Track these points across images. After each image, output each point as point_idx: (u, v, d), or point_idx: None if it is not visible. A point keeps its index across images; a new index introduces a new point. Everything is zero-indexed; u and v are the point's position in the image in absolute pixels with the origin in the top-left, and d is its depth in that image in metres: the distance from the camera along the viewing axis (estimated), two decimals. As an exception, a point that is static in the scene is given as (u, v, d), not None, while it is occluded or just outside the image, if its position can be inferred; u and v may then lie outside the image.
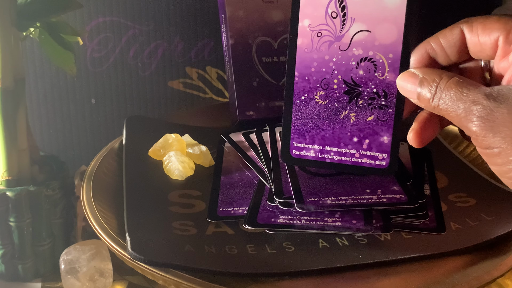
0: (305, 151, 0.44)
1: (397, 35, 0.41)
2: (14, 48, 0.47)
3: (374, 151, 0.43)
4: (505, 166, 0.34)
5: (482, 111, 0.34)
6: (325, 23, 0.42)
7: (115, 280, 0.48)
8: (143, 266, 0.42)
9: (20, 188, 0.48)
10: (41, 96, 0.66)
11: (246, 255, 0.44)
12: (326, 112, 0.43)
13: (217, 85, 0.73)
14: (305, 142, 0.43)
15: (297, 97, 0.44)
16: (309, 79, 0.43)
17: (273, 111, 0.61)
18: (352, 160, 0.43)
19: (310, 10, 0.43)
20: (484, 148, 0.35)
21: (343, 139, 0.43)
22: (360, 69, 0.42)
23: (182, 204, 0.50)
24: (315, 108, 0.43)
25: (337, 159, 0.43)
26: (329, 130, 0.43)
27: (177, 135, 0.57)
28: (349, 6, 0.42)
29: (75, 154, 0.69)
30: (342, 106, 0.43)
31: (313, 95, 0.43)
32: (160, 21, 0.68)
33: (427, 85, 0.37)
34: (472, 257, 0.44)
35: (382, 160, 0.42)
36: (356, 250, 0.44)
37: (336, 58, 0.43)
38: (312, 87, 0.43)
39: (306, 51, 0.43)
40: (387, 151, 0.42)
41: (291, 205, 0.46)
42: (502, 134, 0.34)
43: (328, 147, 0.43)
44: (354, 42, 0.42)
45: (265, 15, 0.62)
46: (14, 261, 0.50)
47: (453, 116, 0.36)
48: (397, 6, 0.41)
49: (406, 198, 0.46)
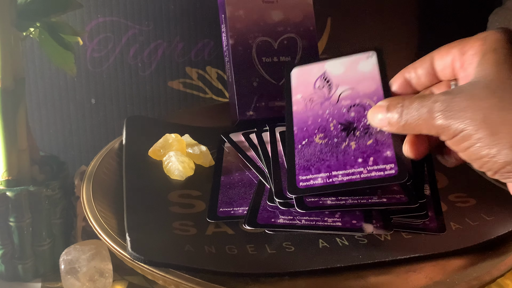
0: (312, 180, 0.45)
1: (376, 85, 0.47)
2: (14, 48, 0.47)
3: (381, 164, 0.44)
4: (473, 148, 0.37)
5: (441, 105, 0.38)
6: (314, 93, 0.49)
7: (115, 280, 0.48)
8: (143, 266, 0.42)
9: (20, 188, 0.48)
10: (41, 96, 0.66)
11: (246, 255, 0.44)
12: (328, 147, 0.46)
13: (217, 85, 0.73)
14: (311, 173, 0.45)
15: (298, 143, 0.47)
16: (307, 129, 0.48)
17: (273, 111, 0.61)
18: (361, 177, 0.44)
19: (301, 88, 0.50)
20: (451, 138, 0.38)
21: (348, 162, 0.45)
22: (351, 112, 0.47)
23: (182, 204, 0.50)
24: (316, 147, 0.46)
25: (346, 179, 0.44)
26: (333, 159, 0.45)
27: (177, 135, 0.57)
28: (333, 79, 0.49)
29: (75, 154, 0.69)
30: (341, 140, 0.46)
31: (313, 139, 0.47)
32: (160, 21, 0.68)
33: (393, 107, 0.41)
34: (472, 257, 0.44)
35: (390, 170, 0.44)
36: (356, 250, 0.44)
37: (328, 110, 0.48)
38: (311, 133, 0.47)
39: (302, 112, 0.49)
40: (393, 162, 0.44)
41: (291, 205, 0.46)
42: (461, 118, 0.37)
43: (335, 172, 0.45)
44: (342, 98, 0.48)
45: (265, 15, 0.62)
46: (14, 261, 0.50)
47: (421, 124, 0.39)
48: (370, 69, 0.48)
49: (406, 198, 0.46)
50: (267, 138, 0.55)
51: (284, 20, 0.62)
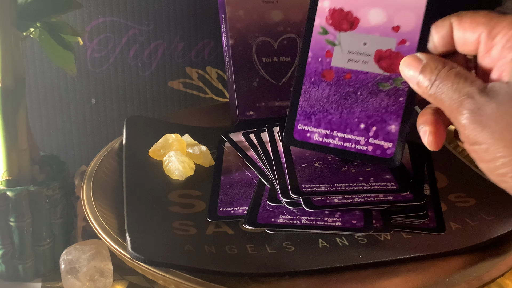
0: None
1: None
2: (14, 48, 0.47)
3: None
4: (493, 163, 0.35)
5: (473, 104, 0.35)
6: None
7: (115, 280, 0.48)
8: (143, 266, 0.42)
9: (20, 188, 0.48)
10: (41, 96, 0.66)
11: (246, 255, 0.44)
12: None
13: (217, 85, 0.73)
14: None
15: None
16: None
17: (273, 111, 0.61)
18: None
19: None
20: (472, 144, 0.36)
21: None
22: None
23: (182, 204, 0.50)
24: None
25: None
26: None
27: (177, 135, 0.57)
28: None
29: (75, 154, 0.69)
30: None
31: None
32: (160, 21, 0.68)
33: (429, 71, 0.38)
34: (472, 257, 0.44)
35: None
36: (356, 250, 0.44)
37: None
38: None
39: None
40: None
41: (298, 204, 0.46)
42: (490, 129, 0.34)
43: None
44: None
45: (265, 15, 0.62)
46: (14, 261, 0.50)
47: (447, 106, 0.36)
48: None
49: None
50: (267, 138, 0.55)
51: (284, 20, 0.62)
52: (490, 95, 0.35)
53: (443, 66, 0.37)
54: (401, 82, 0.42)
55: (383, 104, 0.42)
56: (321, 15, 0.43)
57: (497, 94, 0.34)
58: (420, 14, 0.41)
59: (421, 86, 0.38)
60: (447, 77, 0.37)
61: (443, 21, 0.40)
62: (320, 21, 0.43)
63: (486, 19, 0.37)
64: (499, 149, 0.34)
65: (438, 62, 0.38)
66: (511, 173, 0.34)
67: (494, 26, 0.37)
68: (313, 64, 0.43)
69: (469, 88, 0.35)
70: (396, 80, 0.42)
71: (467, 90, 0.35)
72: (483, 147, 0.35)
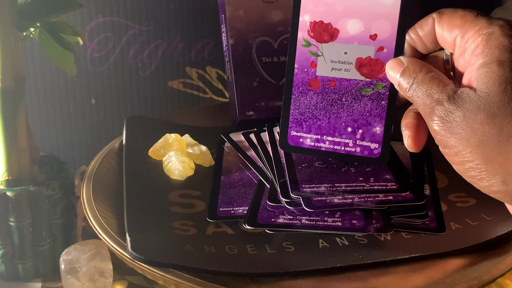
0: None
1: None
2: (14, 48, 0.47)
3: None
4: (463, 166, 0.36)
5: (443, 111, 0.36)
6: None
7: (115, 280, 0.48)
8: (143, 266, 0.42)
9: (20, 188, 0.48)
10: (41, 96, 0.66)
11: (246, 255, 0.44)
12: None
13: (217, 85, 0.73)
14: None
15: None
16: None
17: (273, 111, 0.61)
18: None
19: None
20: (444, 148, 0.37)
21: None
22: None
23: (182, 204, 0.50)
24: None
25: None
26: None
27: (177, 135, 0.57)
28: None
29: (75, 154, 0.69)
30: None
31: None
32: (160, 21, 0.68)
33: (407, 75, 0.39)
34: (472, 257, 0.44)
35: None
36: (356, 250, 0.44)
37: None
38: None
39: None
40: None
41: (298, 205, 0.46)
42: (458, 136, 0.36)
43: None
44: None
45: (265, 15, 0.62)
46: (14, 261, 0.50)
47: (421, 110, 0.38)
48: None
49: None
50: (267, 138, 0.55)
51: (284, 20, 0.62)
52: (458, 102, 0.36)
53: (420, 70, 0.39)
54: (381, 86, 0.44)
55: (366, 108, 0.44)
56: (303, 29, 0.45)
57: (464, 102, 0.36)
58: (394, 22, 0.43)
59: (401, 88, 0.39)
60: (423, 81, 0.38)
61: (426, 19, 0.41)
62: (303, 34, 0.45)
63: (461, 22, 0.38)
64: (467, 154, 0.35)
65: (416, 65, 0.39)
66: (478, 176, 0.36)
67: (467, 30, 0.38)
68: (300, 75, 0.46)
69: (440, 95, 0.37)
70: (377, 85, 0.44)
71: (438, 96, 0.37)
72: (453, 151, 0.36)
